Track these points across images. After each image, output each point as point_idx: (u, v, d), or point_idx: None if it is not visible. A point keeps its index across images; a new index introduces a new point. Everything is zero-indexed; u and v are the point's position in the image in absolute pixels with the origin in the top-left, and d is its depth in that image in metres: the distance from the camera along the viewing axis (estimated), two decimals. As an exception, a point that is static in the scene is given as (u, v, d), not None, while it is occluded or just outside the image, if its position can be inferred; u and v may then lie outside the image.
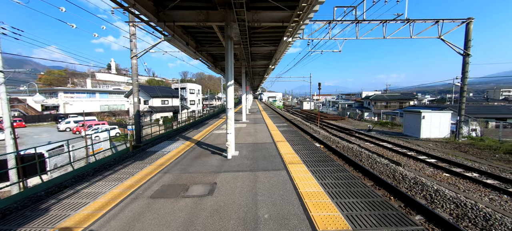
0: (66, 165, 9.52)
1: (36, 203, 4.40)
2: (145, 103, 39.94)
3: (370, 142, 15.36)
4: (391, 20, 14.58)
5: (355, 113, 39.48)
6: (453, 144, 14.86)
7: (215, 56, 14.28)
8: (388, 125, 25.44)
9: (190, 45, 9.50)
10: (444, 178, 8.43)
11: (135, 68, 12.39)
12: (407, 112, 19.71)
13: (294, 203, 3.80)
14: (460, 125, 16.11)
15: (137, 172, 5.66)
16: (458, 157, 11.55)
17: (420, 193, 6.15)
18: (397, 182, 6.99)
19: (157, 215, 3.55)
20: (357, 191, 4.28)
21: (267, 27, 8.04)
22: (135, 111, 12.69)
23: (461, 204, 5.35)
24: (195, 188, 4.55)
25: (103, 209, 3.78)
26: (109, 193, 4.42)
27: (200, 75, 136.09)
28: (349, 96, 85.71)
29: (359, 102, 54.31)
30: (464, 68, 15.76)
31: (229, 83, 6.72)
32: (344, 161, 8.89)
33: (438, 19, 14.88)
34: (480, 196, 6.90)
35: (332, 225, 3.16)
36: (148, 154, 7.41)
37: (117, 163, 8.70)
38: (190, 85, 56.10)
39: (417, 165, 9.99)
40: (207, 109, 45.38)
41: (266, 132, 10.96)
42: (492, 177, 8.32)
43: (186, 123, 22.55)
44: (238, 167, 5.75)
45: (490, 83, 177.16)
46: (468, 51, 15.32)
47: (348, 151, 10.86)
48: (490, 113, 26.46)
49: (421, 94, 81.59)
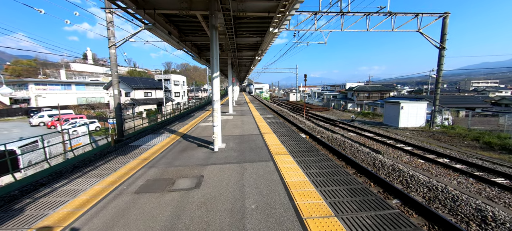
0: (41, 162, 8.98)
1: (9, 203, 4.14)
2: (126, 96, 38.23)
3: (353, 131, 15.99)
4: (374, 12, 14.95)
5: (339, 104, 40.68)
6: (428, 132, 15.89)
7: (200, 46, 13.89)
8: (370, 115, 26.56)
9: (173, 35, 9.14)
10: (419, 164, 9.04)
11: (114, 59, 11.74)
12: (387, 103, 20.66)
13: (280, 193, 3.90)
14: (435, 115, 17.21)
15: (120, 167, 5.48)
16: (432, 144, 12.41)
17: (397, 179, 6.56)
18: (377, 169, 7.39)
19: (142, 210, 3.49)
20: (340, 179, 4.47)
21: (252, 17, 7.90)
22: (115, 104, 12.13)
23: (433, 188, 5.79)
24: (182, 181, 4.51)
25: (85, 207, 3.65)
26: (91, 190, 4.26)
27: (185, 66, 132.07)
28: (333, 87, 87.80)
29: (343, 94, 55.87)
30: (439, 61, 16.68)
31: (215, 75, 6.60)
32: (329, 151, 9.22)
33: (417, 13, 15.49)
34: (450, 179, 7.51)
35: (316, 212, 3.30)
36: (132, 148, 7.18)
37: (98, 159, 8.36)
38: (175, 77, 54.37)
39: (395, 153, 10.61)
40: (193, 101, 44.49)
41: (253, 124, 11.00)
42: (460, 162, 9.06)
43: (171, 116, 21.98)
44: (225, 159, 5.76)
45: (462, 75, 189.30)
46: (443, 44, 16.18)
47: (332, 141, 11.24)
48: (461, 103, 28.47)
49: (400, 86, 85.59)
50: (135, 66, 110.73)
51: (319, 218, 3.16)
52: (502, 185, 6.82)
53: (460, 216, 4.74)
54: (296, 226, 3.01)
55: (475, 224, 4.46)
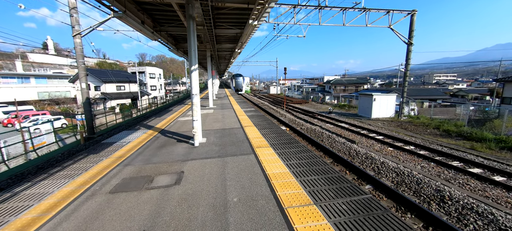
0: (-3, 164, 8.07)
1: (-42, 212, 3.67)
2: (96, 89, 35.52)
3: (330, 123, 16.71)
4: (350, 8, 15.51)
5: (317, 97, 42.07)
6: (397, 122, 17.19)
7: (177, 37, 13.28)
8: (345, 107, 27.91)
9: (147, 24, 8.61)
10: (389, 152, 9.79)
11: (80, 49, 10.77)
12: (361, 96, 21.85)
13: (262, 185, 3.97)
14: (403, 106, 18.63)
15: (91, 166, 5.13)
16: (400, 133, 13.47)
17: (370, 166, 7.05)
18: (352, 158, 7.85)
19: (119, 210, 3.33)
20: (318, 168, 4.68)
21: (232, 8, 7.73)
22: (84, 99, 11.22)
23: (400, 173, 6.33)
24: (161, 178, 4.37)
25: (53, 211, 3.38)
26: (59, 192, 3.94)
27: (161, 58, 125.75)
28: (312, 80, 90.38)
29: (321, 87, 57.83)
30: (407, 56, 17.96)
31: (193, 68, 6.39)
32: (308, 142, 9.55)
33: (389, 10, 16.40)
34: (415, 165, 8.26)
35: (296, 201, 3.44)
36: (104, 146, 6.74)
37: (66, 158, 7.75)
38: (150, 69, 51.59)
39: (368, 142, 11.34)
40: (171, 95, 42.72)
41: (234, 117, 10.94)
42: (424, 149, 9.98)
43: (147, 110, 20.97)
44: (206, 154, 5.69)
45: (426, 69, 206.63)
46: (411, 40, 17.40)
47: (311, 132, 11.64)
48: (425, 95, 31.17)
49: (373, 79, 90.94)
50: (105, 57, 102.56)
51: (299, 207, 3.29)
52: (457, 168, 7.68)
53: (423, 196, 5.26)
54: (278, 215, 3.10)
55: (435, 203, 4.99)
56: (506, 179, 6.91)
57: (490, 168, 7.56)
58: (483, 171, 7.52)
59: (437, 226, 4.15)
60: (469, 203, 4.74)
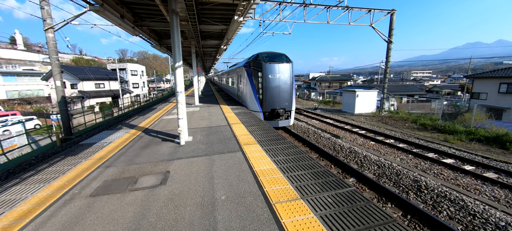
0: (-40, 170, 7.36)
1: None
2: (72, 88, 33.50)
3: (316, 119, 17.11)
4: (334, 6, 15.83)
5: (303, 93, 42.78)
6: (378, 117, 17.97)
7: (160, 33, 12.82)
8: (330, 103, 28.67)
9: (127, 19, 8.22)
10: (371, 146, 10.22)
11: (53, 44, 10.06)
12: (345, 92, 22.54)
13: (249, 182, 3.99)
14: (383, 101, 19.49)
15: (69, 169, 4.84)
16: (381, 128, 14.09)
17: (353, 160, 7.32)
18: (336, 152, 8.10)
19: (100, 214, 3.18)
20: (305, 164, 4.78)
21: (216, 4, 7.58)
22: (59, 98, 10.53)
23: (381, 165, 6.63)
24: (145, 179, 4.23)
25: (27, 218, 3.15)
26: (33, 198, 3.69)
27: (143, 55, 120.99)
28: (298, 77, 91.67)
29: (307, 83, 58.88)
30: (387, 53, 18.75)
31: (178, 64, 6.22)
32: (294, 138, 9.71)
33: (370, 8, 16.96)
34: (395, 157, 8.70)
35: (284, 197, 3.49)
36: (83, 147, 6.39)
37: (40, 161, 7.26)
38: (132, 66, 49.42)
39: (352, 137, 11.76)
40: (154, 93, 41.37)
41: (220, 115, 10.83)
42: (402, 142, 10.54)
43: (129, 109, 20.15)
44: (193, 153, 5.59)
45: (404, 66, 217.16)
46: (391, 38, 18.17)
47: (297, 128, 11.84)
48: (403, 91, 32.83)
49: (356, 76, 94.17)
50: (81, 53, 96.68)
51: (286, 202, 3.35)
52: (432, 159, 8.21)
53: (402, 187, 5.57)
54: (266, 211, 3.13)
55: (413, 192, 5.31)
56: (474, 168, 7.50)
57: (461, 158, 8.16)
58: (455, 161, 8.10)
59: (415, 214, 4.42)
60: (443, 191, 5.09)
